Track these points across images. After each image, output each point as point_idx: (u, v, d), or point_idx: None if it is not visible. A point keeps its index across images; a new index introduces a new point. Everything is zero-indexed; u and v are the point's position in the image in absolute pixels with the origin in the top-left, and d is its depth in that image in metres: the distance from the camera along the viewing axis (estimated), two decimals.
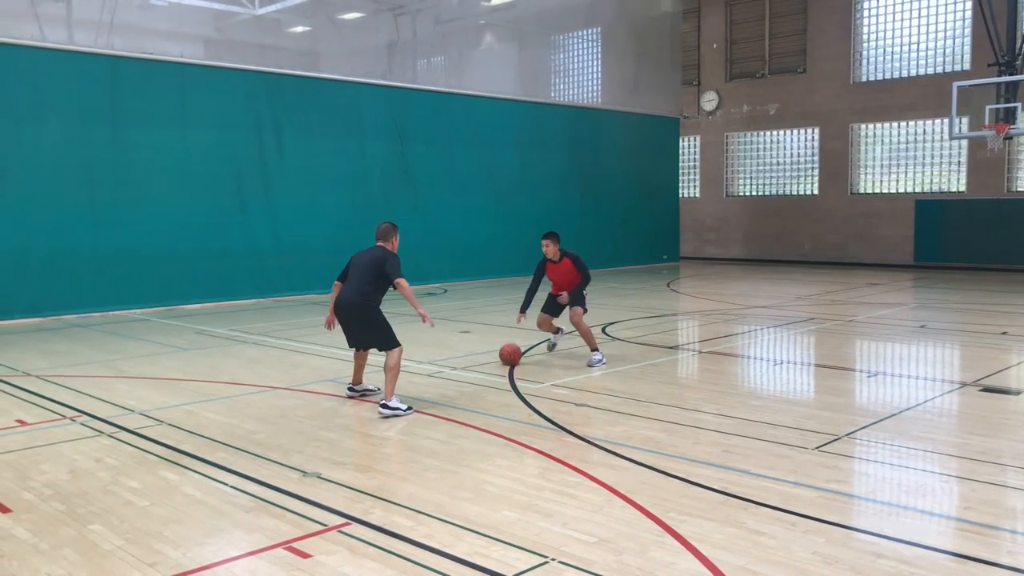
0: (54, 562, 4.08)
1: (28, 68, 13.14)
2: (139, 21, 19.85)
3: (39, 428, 6.63)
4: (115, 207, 13.87)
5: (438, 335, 11.25)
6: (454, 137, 18.72)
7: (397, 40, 21.38)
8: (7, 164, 12.82)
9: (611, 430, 6.38)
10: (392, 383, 6.94)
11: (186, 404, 7.44)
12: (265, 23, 22.74)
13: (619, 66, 23.15)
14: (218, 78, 15.29)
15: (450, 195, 18.59)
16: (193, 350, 10.38)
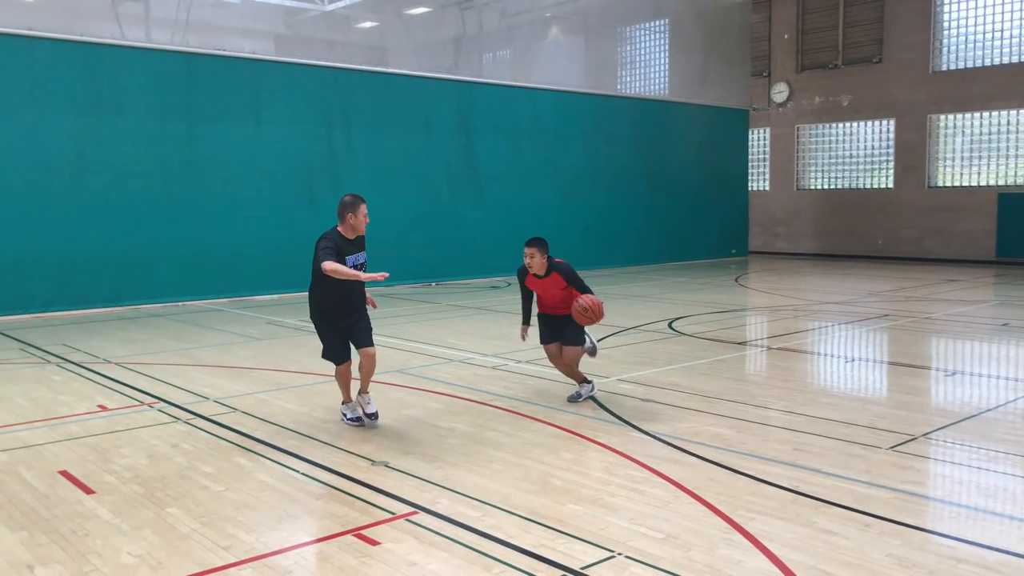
0: (135, 543, 4.23)
1: (108, 66, 13.59)
2: (213, 18, 20.36)
3: (119, 413, 6.87)
4: (190, 200, 14.27)
5: (503, 328, 11.29)
6: (519, 130, 18.73)
7: (463, 34, 21.47)
8: (89, 159, 13.28)
9: (678, 426, 6.31)
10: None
11: (258, 392, 7.61)
12: (334, 19, 23.08)
13: (687, 58, 22.83)
14: (289, 74, 15.59)
15: (514, 188, 18.61)
16: (264, 340, 10.62)
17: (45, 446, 5.95)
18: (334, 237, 6.17)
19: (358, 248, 6.29)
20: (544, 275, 6.92)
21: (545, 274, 6.91)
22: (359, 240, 6.32)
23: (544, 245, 6.89)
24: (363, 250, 6.36)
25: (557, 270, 6.90)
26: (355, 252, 6.24)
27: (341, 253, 6.09)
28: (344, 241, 6.18)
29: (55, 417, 6.76)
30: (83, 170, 13.25)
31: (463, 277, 17.50)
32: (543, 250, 6.87)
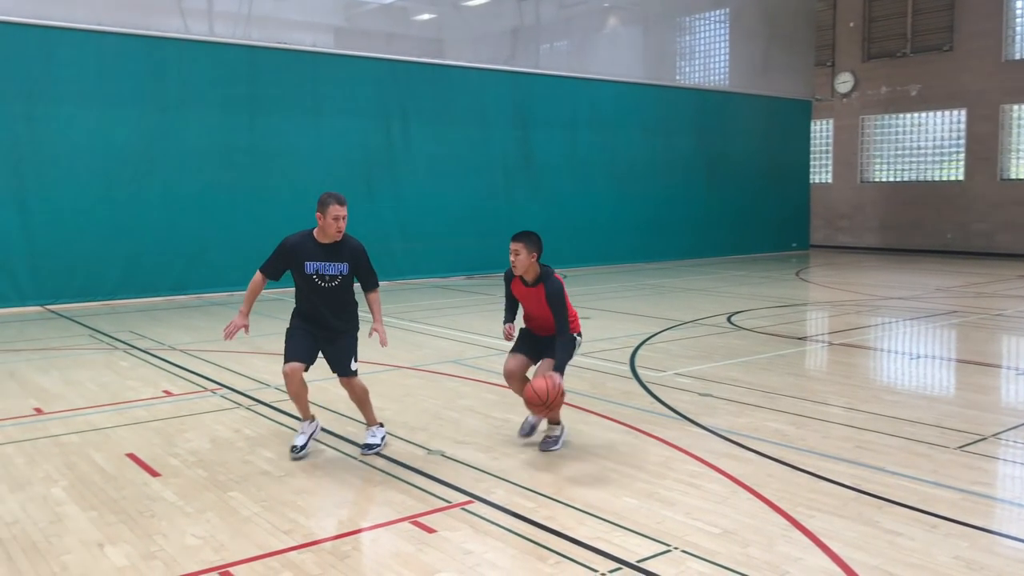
0: (198, 524, 4.33)
1: (174, 60, 13.90)
2: (275, 12, 20.67)
3: (183, 399, 7.05)
4: (252, 191, 14.54)
5: None
6: (576, 122, 18.64)
7: (521, 25, 21.42)
8: (155, 151, 13.61)
9: (736, 421, 6.22)
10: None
11: (317, 380, 7.70)
12: (392, 12, 23.25)
13: (748, 47, 22.43)
14: (348, 67, 15.75)
15: (571, 180, 18.54)
16: None
17: (114, 429, 6.13)
18: (295, 240, 5.31)
19: (331, 257, 5.25)
20: (532, 283, 5.48)
21: (533, 282, 5.47)
22: (336, 247, 5.28)
23: (534, 242, 5.38)
24: (341, 260, 5.27)
25: (544, 283, 5.41)
26: (322, 260, 5.24)
27: (294, 259, 5.26)
28: (313, 245, 5.27)
29: (123, 401, 6.96)
30: (149, 162, 13.60)
31: None
32: (531, 248, 5.36)
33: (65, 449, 5.65)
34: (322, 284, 5.29)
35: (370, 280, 5.49)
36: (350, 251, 5.33)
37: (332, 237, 5.27)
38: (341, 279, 5.31)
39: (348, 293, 5.42)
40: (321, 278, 5.28)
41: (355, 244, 5.38)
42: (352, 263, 5.33)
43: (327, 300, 5.34)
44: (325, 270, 5.27)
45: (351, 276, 5.36)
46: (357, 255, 5.36)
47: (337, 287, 5.32)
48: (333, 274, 5.28)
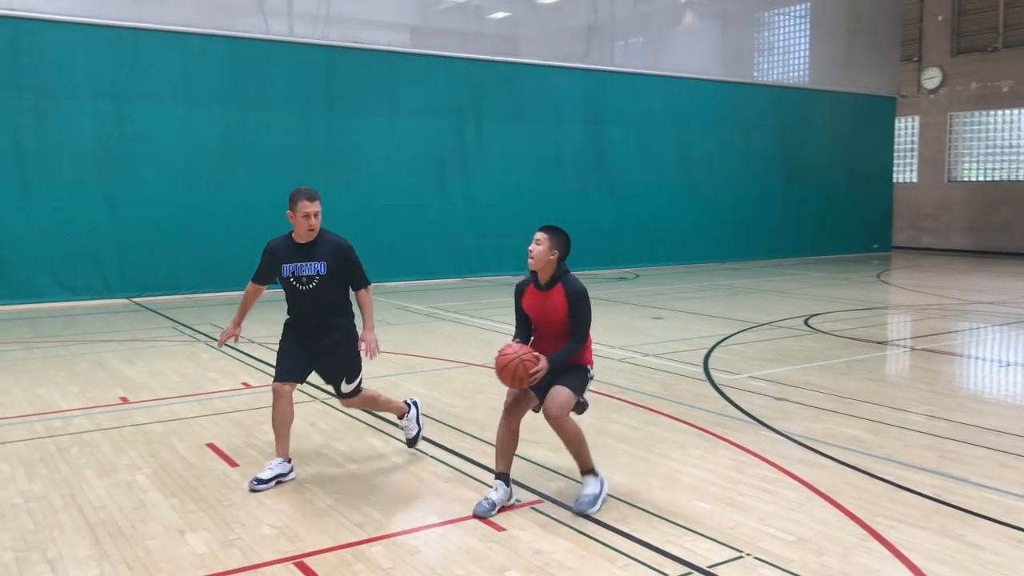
0: (275, 515, 4.44)
1: (254, 59, 14.27)
2: (352, 12, 21.01)
3: (261, 391, 7.23)
4: (328, 188, 14.66)
5: (630, 320, 11.19)
6: (651, 119, 18.46)
7: (595, 22, 21.30)
8: (235, 148, 14.00)
9: (812, 426, 6.07)
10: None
11: (390, 376, 7.84)
12: (467, 10, 23.40)
13: (829, 43, 21.84)
14: (423, 65, 15.92)
15: (645, 178, 18.37)
16: (396, 325, 10.93)
17: (195, 419, 6.33)
18: (275, 242, 5.00)
19: (306, 256, 4.87)
20: (546, 285, 4.61)
21: (548, 284, 4.61)
22: (312, 246, 4.89)
23: (561, 240, 4.61)
24: (317, 259, 4.86)
25: (565, 285, 4.57)
26: (299, 261, 4.87)
27: (274, 262, 4.94)
28: (290, 246, 4.92)
29: (203, 392, 7.18)
30: (230, 159, 13.99)
31: (591, 268, 17.40)
32: (555, 243, 4.59)
33: (149, 437, 5.86)
34: (300, 287, 4.87)
35: (357, 278, 5.00)
36: (329, 248, 4.89)
37: (306, 236, 4.88)
38: (319, 280, 4.85)
39: (332, 296, 4.91)
40: (299, 280, 4.87)
41: (335, 240, 4.96)
42: (331, 261, 4.86)
43: (308, 305, 4.91)
44: (301, 271, 4.86)
45: (332, 277, 4.87)
46: (336, 252, 4.89)
47: (316, 289, 4.86)
48: (310, 274, 4.85)
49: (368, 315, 5.05)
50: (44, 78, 12.52)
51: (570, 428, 4.50)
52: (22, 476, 5.05)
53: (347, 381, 5.07)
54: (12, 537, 4.15)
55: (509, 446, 4.60)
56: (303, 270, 4.86)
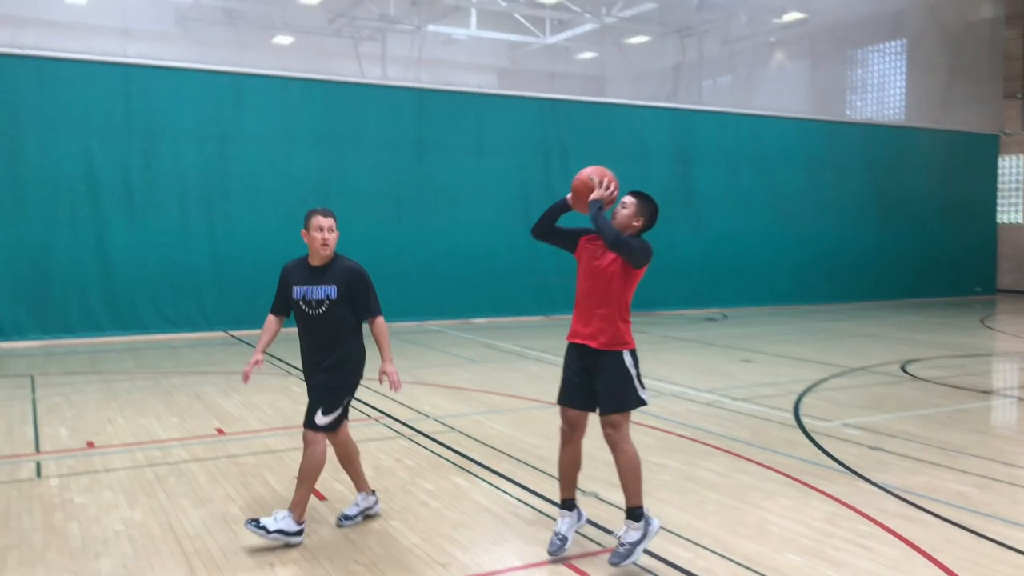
0: (360, 551, 4.50)
1: (349, 102, 14.75)
2: (443, 55, 21.60)
3: (350, 426, 7.33)
4: (418, 226, 15.14)
5: (718, 363, 10.98)
6: (739, 158, 18.24)
7: (683, 62, 21.29)
8: (331, 187, 14.45)
9: (911, 479, 5.81)
10: None
11: (474, 414, 7.88)
12: (555, 51, 23.72)
13: (927, 80, 21.24)
14: (510, 106, 16.16)
15: (733, 217, 18.11)
16: (481, 362, 11.00)
17: (286, 452, 6.48)
18: (291, 265, 4.83)
19: (318, 279, 4.64)
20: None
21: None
22: (325, 269, 4.67)
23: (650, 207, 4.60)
24: (329, 282, 4.62)
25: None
26: (310, 284, 4.65)
27: (287, 285, 4.74)
28: (303, 268, 4.73)
29: (295, 426, 7.34)
30: (325, 197, 14.40)
31: (677, 307, 17.22)
32: (641, 210, 4.55)
33: (242, 469, 6.02)
34: (309, 311, 4.62)
35: (366, 306, 4.68)
36: (341, 272, 4.64)
37: (320, 255, 4.64)
38: (328, 304, 4.58)
39: (341, 324, 4.62)
40: (308, 304, 4.62)
41: (349, 265, 4.70)
42: (342, 286, 4.60)
43: (315, 332, 4.63)
44: (311, 294, 4.61)
45: (342, 303, 4.59)
46: (348, 276, 4.63)
47: (325, 315, 4.59)
48: (319, 298, 4.59)
49: (385, 347, 4.70)
50: (154, 121, 13.22)
51: (628, 452, 4.36)
52: (124, 503, 5.26)
53: (323, 412, 4.60)
54: (113, 563, 4.32)
55: (571, 472, 4.55)
56: (313, 293, 4.61)
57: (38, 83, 12.49)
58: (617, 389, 4.38)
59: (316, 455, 4.57)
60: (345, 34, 20.86)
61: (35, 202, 12.45)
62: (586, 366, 4.46)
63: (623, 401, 4.38)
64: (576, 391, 4.49)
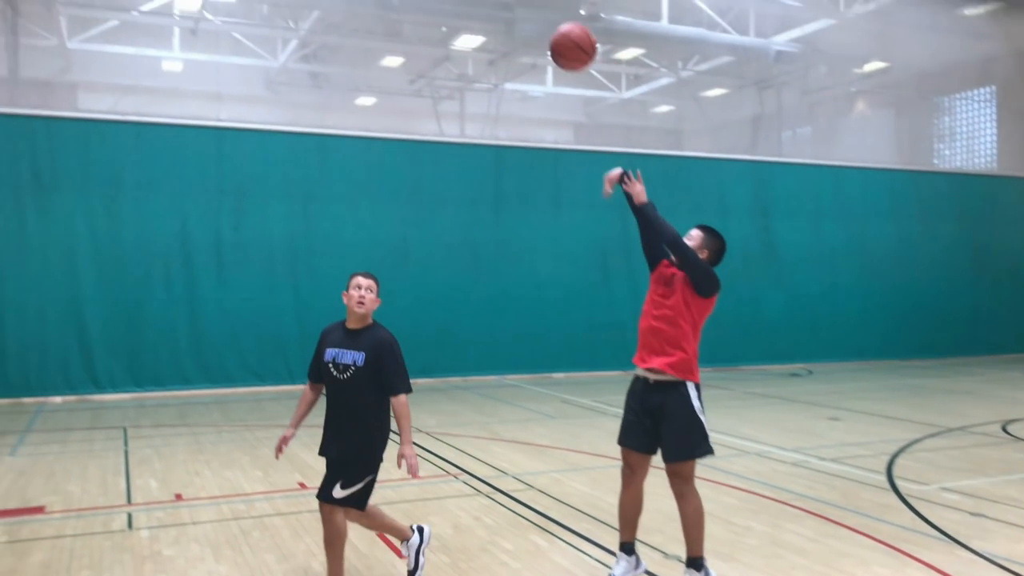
0: None
1: (429, 160, 15.08)
2: (520, 112, 22.02)
3: (429, 482, 7.36)
4: (496, 281, 15.26)
5: (804, 420, 10.64)
6: (821, 210, 17.87)
7: (761, 113, 21.16)
8: (410, 243, 14.73)
9: (1016, 548, 5.47)
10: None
11: (553, 471, 7.79)
12: (631, 105, 23.92)
13: (1019, 127, 20.55)
14: (587, 161, 16.25)
15: (816, 270, 17.69)
16: (559, 418, 10.91)
17: None
18: (328, 327, 4.67)
19: (350, 343, 4.47)
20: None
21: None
22: (359, 333, 4.50)
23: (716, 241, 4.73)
24: (359, 348, 4.44)
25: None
26: (341, 347, 4.48)
27: (321, 348, 4.57)
28: (339, 330, 4.58)
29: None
30: (405, 253, 14.71)
31: (759, 362, 16.82)
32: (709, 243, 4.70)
33: None
34: (336, 375, 4.45)
35: (393, 381, 4.43)
36: (372, 340, 4.45)
37: (356, 316, 4.50)
38: (354, 371, 4.40)
39: (366, 395, 4.42)
40: (336, 367, 4.45)
41: (382, 334, 4.50)
42: (370, 354, 4.41)
43: (340, 398, 4.46)
44: (340, 357, 4.45)
45: (368, 371, 4.40)
46: (378, 345, 4.43)
47: (350, 381, 4.41)
48: (346, 363, 4.43)
49: (404, 428, 4.44)
50: (243, 181, 13.76)
51: (694, 501, 4.30)
52: (210, 557, 5.35)
53: (342, 486, 4.39)
54: None
55: (632, 514, 4.46)
56: (342, 357, 4.44)
57: (136, 147, 13.17)
58: (684, 435, 4.33)
59: (336, 528, 4.45)
60: (425, 94, 21.52)
61: (132, 260, 13.03)
62: (650, 406, 4.42)
63: (690, 449, 4.34)
64: (639, 432, 4.45)
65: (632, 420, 4.45)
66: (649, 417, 4.39)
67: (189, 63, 18.83)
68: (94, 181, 12.88)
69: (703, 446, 4.35)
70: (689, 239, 4.57)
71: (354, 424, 4.44)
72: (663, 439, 4.35)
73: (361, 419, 4.43)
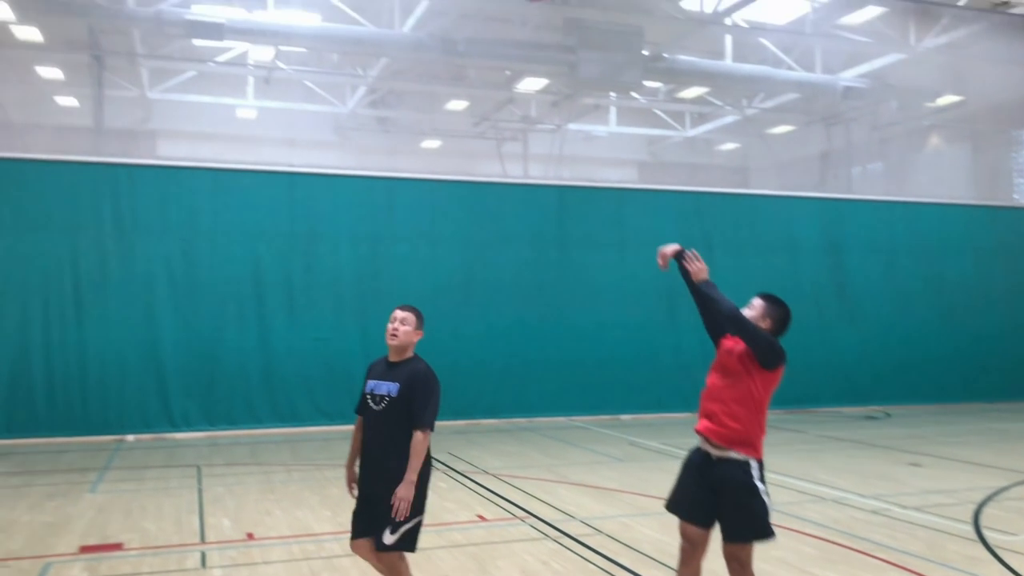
0: None
1: (493, 200, 15.20)
2: (583, 152, 22.09)
3: (495, 525, 7.31)
4: (561, 321, 15.19)
5: (882, 466, 10.26)
6: (895, 248, 17.39)
7: (830, 150, 20.82)
8: (474, 283, 14.81)
9: None
10: None
11: (621, 516, 7.66)
12: (695, 144, 23.79)
13: None
14: (651, 200, 16.18)
15: (891, 309, 17.17)
16: (627, 461, 10.74)
17: (432, 551, 6.47)
18: (374, 362, 4.72)
19: (387, 375, 4.53)
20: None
21: None
22: (397, 365, 4.55)
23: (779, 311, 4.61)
24: (395, 379, 4.48)
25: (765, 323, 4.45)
26: (379, 379, 4.55)
27: (365, 380, 4.65)
28: (381, 363, 4.65)
29: (440, 523, 7.35)
30: (469, 293, 14.79)
31: (833, 404, 16.33)
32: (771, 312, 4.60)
33: None
34: (373, 406, 4.49)
35: (417, 412, 4.37)
36: (408, 372, 4.47)
37: (393, 349, 4.56)
38: (388, 402, 4.41)
39: (398, 428, 4.38)
40: (373, 398, 4.50)
41: (419, 366, 4.52)
42: (404, 386, 4.41)
43: (375, 430, 4.46)
44: (377, 388, 4.49)
45: (401, 404, 4.39)
46: (412, 377, 4.44)
47: (385, 412, 4.42)
48: (382, 394, 4.45)
49: (411, 465, 4.31)
50: (313, 224, 14.06)
51: None
52: None
53: (391, 531, 4.33)
54: None
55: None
56: (379, 388, 4.48)
57: (213, 192, 13.61)
58: (745, 516, 4.20)
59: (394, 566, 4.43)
60: (489, 136, 21.81)
61: (207, 302, 13.39)
62: (710, 480, 4.29)
63: (751, 530, 4.20)
64: (697, 504, 4.33)
65: (690, 490, 4.37)
66: (709, 491, 4.29)
67: (263, 111, 19.49)
68: (172, 225, 13.34)
69: (765, 529, 4.21)
70: (750, 308, 4.52)
71: (389, 458, 4.36)
72: (722, 517, 4.24)
73: (396, 453, 4.35)
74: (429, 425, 4.37)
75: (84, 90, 16.98)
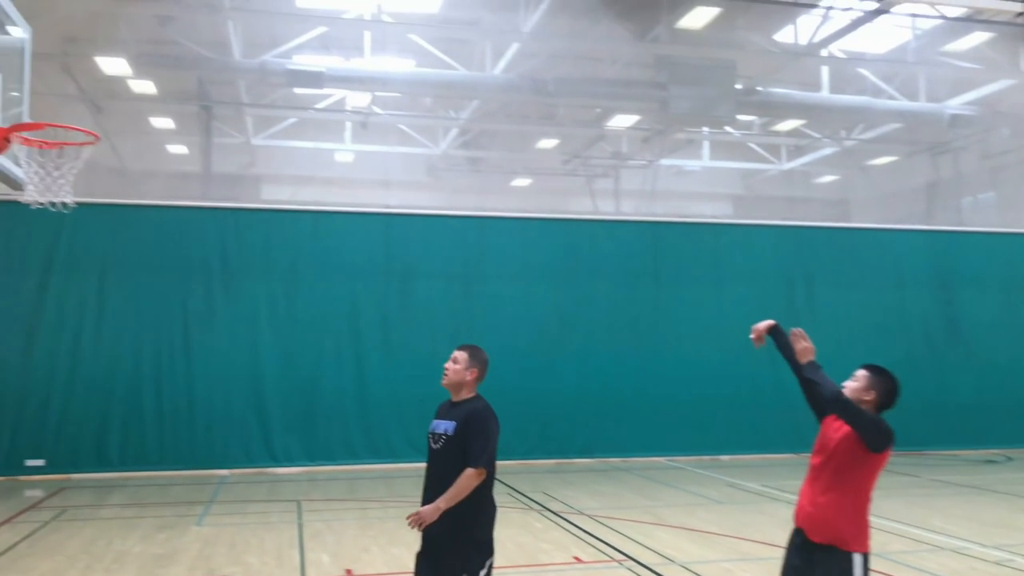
0: None
1: (585, 237, 15.16)
2: (676, 187, 21.84)
3: (592, 567, 7.15)
4: (656, 359, 14.93)
5: (1005, 513, 9.63)
6: (1013, 280, 16.46)
7: (937, 180, 19.98)
8: (568, 320, 14.73)
9: None
10: None
11: (722, 561, 7.40)
12: (792, 176, 23.20)
13: None
14: (748, 235, 15.85)
15: (1008, 345, 16.21)
16: (726, 503, 10.40)
17: None
18: (443, 403, 4.71)
19: (447, 413, 4.54)
20: None
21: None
22: (457, 405, 4.53)
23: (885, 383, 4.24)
24: (453, 418, 4.47)
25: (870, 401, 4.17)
26: (440, 417, 4.57)
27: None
28: (446, 404, 4.64)
29: (537, 564, 7.26)
30: (562, 331, 14.73)
31: (948, 447, 15.48)
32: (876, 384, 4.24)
33: None
34: (432, 444, 4.49)
35: (470, 449, 4.32)
36: (465, 411, 4.44)
37: (447, 387, 4.58)
38: (446, 440, 4.40)
39: (454, 467, 4.31)
40: (433, 437, 4.49)
41: (477, 404, 4.49)
42: (460, 424, 4.39)
43: (434, 467, 4.45)
44: (436, 427, 4.49)
45: (457, 442, 4.35)
46: (468, 415, 4.41)
47: (442, 451, 4.40)
48: (439, 432, 4.45)
49: (451, 494, 4.26)
50: (408, 263, 14.32)
51: None
52: None
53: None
54: None
55: None
56: (439, 427, 4.48)
57: (313, 233, 14.04)
58: None
59: None
60: (579, 173, 21.79)
61: (307, 339, 13.75)
62: (811, 566, 4.06)
63: None
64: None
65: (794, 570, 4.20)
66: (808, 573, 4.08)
67: (360, 154, 20.04)
68: (275, 265, 13.80)
69: None
70: (854, 380, 4.27)
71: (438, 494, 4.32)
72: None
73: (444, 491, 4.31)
74: (482, 462, 4.31)
75: (194, 138, 17.84)
